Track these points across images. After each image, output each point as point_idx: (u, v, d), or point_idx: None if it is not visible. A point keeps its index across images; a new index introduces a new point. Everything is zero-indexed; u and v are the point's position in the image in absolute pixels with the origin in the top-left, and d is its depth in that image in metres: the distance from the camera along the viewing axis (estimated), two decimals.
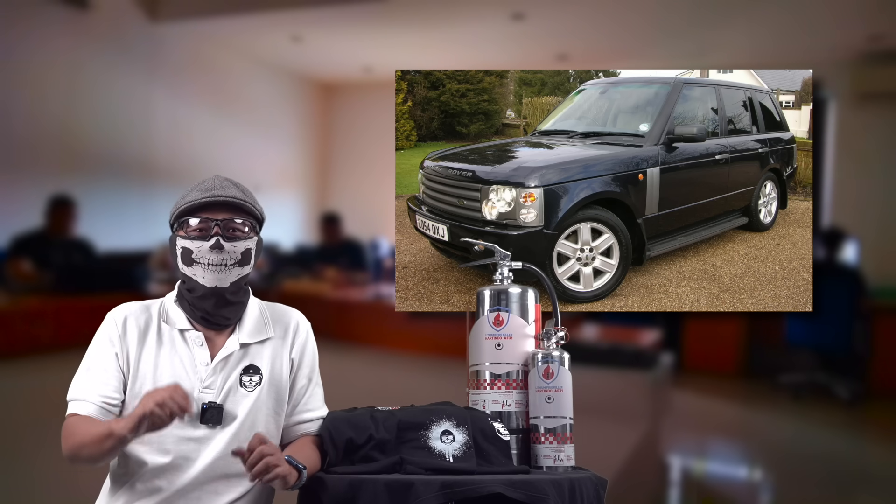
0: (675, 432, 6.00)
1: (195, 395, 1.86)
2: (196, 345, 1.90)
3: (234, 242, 1.85)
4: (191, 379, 1.87)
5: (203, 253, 1.84)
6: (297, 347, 1.98)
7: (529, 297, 2.05)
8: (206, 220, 1.85)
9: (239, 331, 1.93)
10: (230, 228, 1.86)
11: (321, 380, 2.03)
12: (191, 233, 1.85)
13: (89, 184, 8.01)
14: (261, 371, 1.92)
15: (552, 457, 1.95)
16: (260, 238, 1.94)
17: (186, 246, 1.85)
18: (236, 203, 1.86)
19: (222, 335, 1.92)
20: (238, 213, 1.87)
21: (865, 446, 6.25)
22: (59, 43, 8.20)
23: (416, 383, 5.63)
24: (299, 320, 2.01)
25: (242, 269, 1.88)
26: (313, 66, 11.44)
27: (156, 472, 1.85)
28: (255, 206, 1.90)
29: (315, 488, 1.81)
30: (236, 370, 1.90)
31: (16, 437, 4.45)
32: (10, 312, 6.15)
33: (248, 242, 1.88)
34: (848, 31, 8.20)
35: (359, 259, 8.80)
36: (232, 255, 1.85)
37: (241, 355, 1.92)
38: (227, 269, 1.85)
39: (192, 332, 1.91)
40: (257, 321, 1.95)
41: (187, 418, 1.82)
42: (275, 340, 1.96)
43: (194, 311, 1.90)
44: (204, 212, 1.85)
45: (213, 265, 1.84)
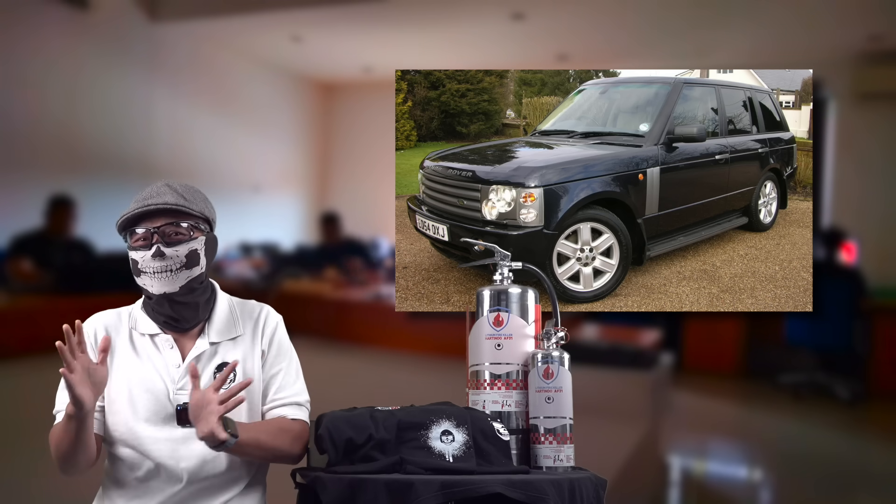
0: (675, 432, 6.00)
1: (171, 398, 1.88)
2: (166, 348, 1.92)
3: (175, 247, 1.86)
4: (164, 381, 1.89)
5: (147, 262, 1.86)
6: (265, 339, 1.98)
7: (529, 297, 2.05)
8: (145, 229, 1.86)
9: (208, 330, 1.94)
10: (168, 234, 1.86)
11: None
12: (135, 244, 1.87)
13: (89, 184, 8.00)
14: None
15: (552, 457, 1.95)
16: (210, 236, 1.94)
17: (133, 257, 1.88)
18: (168, 208, 1.86)
19: (191, 337, 1.94)
20: (177, 217, 1.87)
21: (865, 446, 6.25)
22: (59, 43, 8.20)
23: (416, 383, 5.62)
24: (268, 313, 2.01)
25: (191, 271, 1.88)
26: (313, 66, 11.43)
27: (142, 477, 1.88)
28: (191, 209, 1.88)
29: (315, 488, 1.81)
30: (208, 369, 1.91)
31: (16, 437, 4.45)
32: (10, 312, 6.15)
33: (193, 244, 1.88)
34: (848, 31, 8.20)
35: (362, 257, 8.79)
36: (176, 259, 1.86)
37: (212, 354, 1.93)
38: (173, 273, 1.86)
39: (161, 336, 1.93)
40: (227, 319, 1.96)
41: (162, 419, 1.86)
42: (245, 338, 1.96)
43: (157, 315, 1.92)
44: (144, 221, 1.86)
45: (158, 273, 1.86)
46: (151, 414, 1.88)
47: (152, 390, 1.89)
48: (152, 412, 1.88)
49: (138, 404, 1.88)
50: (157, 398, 1.89)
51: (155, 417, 1.88)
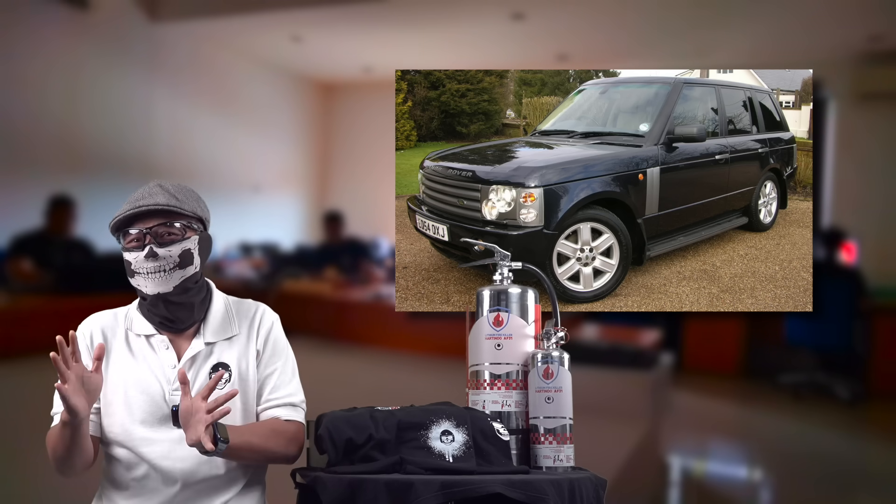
0: (675, 432, 6.00)
1: (166, 399, 1.88)
2: (162, 348, 1.92)
3: (168, 247, 1.86)
4: (160, 383, 1.90)
5: (140, 263, 1.86)
6: (260, 339, 1.97)
7: (529, 297, 2.05)
8: (138, 230, 1.86)
9: (203, 331, 1.94)
10: (160, 234, 1.86)
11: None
12: (128, 245, 1.88)
13: (89, 184, 8.00)
14: (229, 368, 1.93)
15: (552, 457, 1.95)
16: (204, 235, 1.93)
17: (126, 258, 1.88)
18: (160, 209, 1.86)
19: (187, 337, 1.94)
20: (169, 217, 1.87)
21: (865, 446, 6.24)
22: (59, 43, 8.20)
23: (416, 383, 5.62)
24: (264, 312, 2.01)
25: (185, 271, 1.88)
26: (313, 66, 11.43)
27: (139, 477, 1.88)
28: (182, 209, 1.88)
29: (314, 488, 1.81)
30: (204, 369, 1.91)
31: (15, 437, 4.45)
32: (10, 312, 6.15)
33: (186, 243, 1.88)
34: (848, 31, 8.20)
35: (364, 256, 8.78)
36: (169, 259, 1.86)
37: (208, 354, 1.93)
38: (167, 273, 1.86)
39: (156, 337, 1.93)
40: (222, 319, 1.96)
41: (158, 420, 1.86)
42: (241, 338, 1.96)
43: (153, 316, 1.92)
44: (136, 222, 1.87)
45: (151, 273, 1.86)
46: (147, 415, 1.88)
47: (148, 391, 1.89)
48: (148, 413, 1.88)
49: (134, 406, 1.88)
50: (152, 399, 1.89)
51: (151, 419, 1.88)
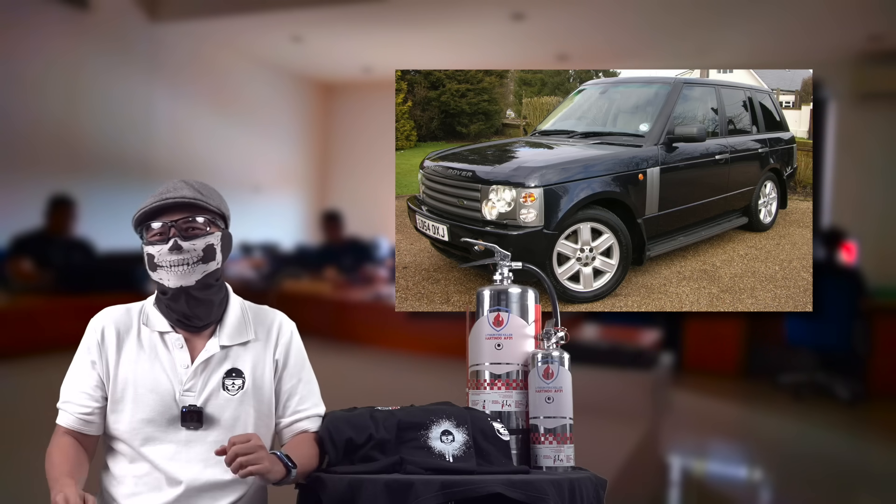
0: (675, 432, 5.99)
1: (177, 399, 1.87)
2: (176, 347, 1.90)
3: (192, 241, 1.86)
4: (171, 381, 1.88)
5: (164, 256, 1.85)
6: (280, 348, 1.97)
7: (529, 297, 2.05)
8: (162, 224, 1.86)
9: (219, 333, 1.93)
10: (186, 228, 1.86)
11: (316, 377, 2.02)
12: (151, 238, 1.87)
13: (89, 184, 8.01)
14: (243, 374, 1.91)
15: (552, 457, 1.95)
16: (226, 233, 1.94)
17: (149, 251, 1.87)
18: (187, 202, 1.86)
19: (202, 337, 1.92)
20: (194, 212, 1.87)
21: (865, 446, 6.24)
22: (59, 43, 8.19)
23: (416, 383, 5.62)
24: (282, 321, 2.00)
25: (208, 266, 1.88)
26: (313, 66, 11.43)
27: (141, 476, 1.87)
28: (208, 203, 1.89)
29: (315, 488, 1.81)
30: (218, 373, 1.90)
31: (16, 437, 4.45)
32: (10, 312, 6.15)
33: (210, 238, 1.88)
34: (848, 31, 8.20)
35: (365, 256, 8.77)
36: (193, 253, 1.86)
37: (223, 358, 1.91)
38: (190, 267, 1.86)
39: (171, 335, 1.91)
40: (238, 323, 1.95)
41: (166, 420, 1.86)
42: (257, 343, 1.95)
43: (171, 313, 1.91)
44: (160, 216, 1.86)
45: (174, 266, 1.85)
46: (156, 415, 1.86)
47: (158, 391, 1.87)
48: (157, 413, 1.86)
49: (143, 404, 1.87)
50: (162, 399, 1.87)
51: (160, 418, 1.86)
